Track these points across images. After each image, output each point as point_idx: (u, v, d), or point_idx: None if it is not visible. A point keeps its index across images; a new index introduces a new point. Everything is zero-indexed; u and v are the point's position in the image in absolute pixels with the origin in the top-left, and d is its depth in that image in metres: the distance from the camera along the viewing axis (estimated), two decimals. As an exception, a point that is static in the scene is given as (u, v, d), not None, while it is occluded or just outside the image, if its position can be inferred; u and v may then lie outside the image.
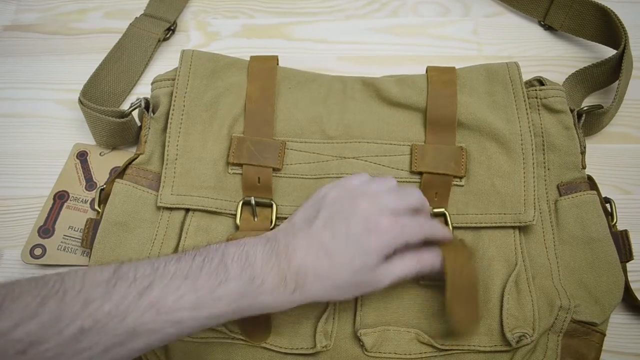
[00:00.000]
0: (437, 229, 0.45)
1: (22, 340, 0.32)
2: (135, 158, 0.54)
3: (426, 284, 0.49)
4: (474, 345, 0.46)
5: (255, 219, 0.51)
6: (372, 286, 0.43)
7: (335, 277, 0.41)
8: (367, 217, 0.42)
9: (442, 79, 0.55)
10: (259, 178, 0.52)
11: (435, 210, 0.50)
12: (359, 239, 0.41)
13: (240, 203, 0.51)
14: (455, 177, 0.52)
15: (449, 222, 0.50)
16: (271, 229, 0.50)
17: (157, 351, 0.47)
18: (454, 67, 0.57)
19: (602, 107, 0.56)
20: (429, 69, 0.57)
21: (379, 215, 0.42)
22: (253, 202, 0.51)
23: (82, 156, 0.59)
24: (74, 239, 0.53)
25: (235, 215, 0.51)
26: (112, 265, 0.37)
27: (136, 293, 0.36)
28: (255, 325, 0.47)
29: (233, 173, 0.52)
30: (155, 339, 0.36)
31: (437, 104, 0.54)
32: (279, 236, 0.43)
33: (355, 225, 0.42)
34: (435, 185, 0.52)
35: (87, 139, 0.60)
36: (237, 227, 0.51)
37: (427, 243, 0.45)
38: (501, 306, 0.46)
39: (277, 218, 0.51)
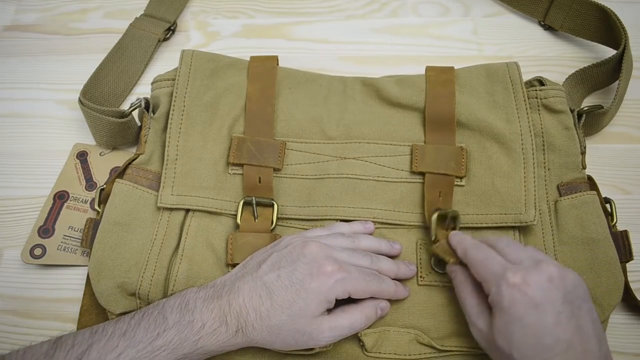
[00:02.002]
0: (385, 289, 0.45)
1: None
2: (135, 158, 0.54)
3: (426, 284, 0.49)
4: (473, 347, 0.46)
5: (256, 220, 0.50)
6: (313, 339, 0.42)
7: (275, 318, 0.41)
8: (313, 261, 0.42)
9: (440, 78, 0.56)
10: (259, 178, 0.52)
11: (445, 211, 0.50)
12: (302, 281, 0.42)
13: (242, 203, 0.51)
14: (455, 177, 0.52)
15: (457, 225, 0.50)
16: (272, 230, 0.50)
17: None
18: (452, 67, 0.57)
19: (602, 107, 0.56)
20: (427, 69, 0.57)
21: (324, 260, 0.43)
22: (254, 202, 0.51)
23: (82, 156, 0.59)
24: (74, 239, 0.53)
25: (235, 215, 0.51)
26: (54, 338, 0.39)
27: (74, 358, 0.37)
28: None
29: (233, 173, 0.52)
30: None
31: (435, 103, 0.54)
32: (226, 280, 0.44)
33: (300, 268, 0.42)
34: (438, 185, 0.51)
35: (87, 139, 0.60)
36: (237, 227, 0.50)
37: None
38: (501, 306, 0.46)
39: (278, 218, 0.51)
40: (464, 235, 0.46)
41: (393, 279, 0.47)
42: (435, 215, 0.49)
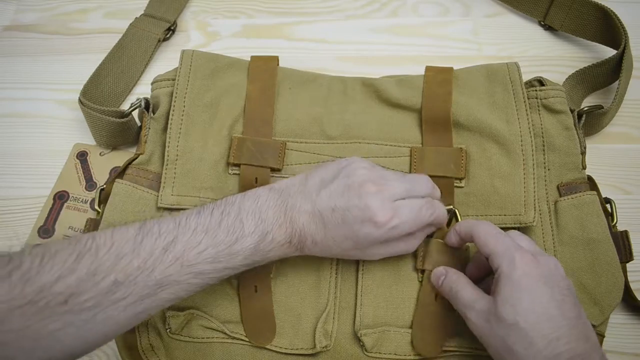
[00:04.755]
0: (439, 216, 0.46)
1: (63, 292, 0.35)
2: (135, 158, 0.54)
3: (425, 278, 0.49)
4: (474, 348, 0.46)
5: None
6: (365, 258, 0.47)
7: (328, 248, 0.44)
8: (368, 206, 0.42)
9: (437, 78, 0.55)
10: (256, 178, 0.52)
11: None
12: (353, 224, 0.43)
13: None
14: (455, 178, 0.52)
15: (459, 219, 0.50)
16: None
17: (157, 352, 0.47)
18: (451, 67, 0.57)
19: (602, 108, 0.56)
20: (426, 69, 0.57)
21: (378, 209, 0.42)
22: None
23: (82, 156, 0.59)
24: (74, 239, 0.53)
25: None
26: (138, 223, 0.41)
27: (162, 248, 0.39)
28: (260, 327, 0.47)
29: (233, 174, 0.52)
30: (181, 289, 0.40)
31: (431, 103, 0.54)
32: (291, 191, 0.45)
33: (354, 209, 0.43)
34: (438, 187, 0.51)
35: (87, 139, 0.60)
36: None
37: None
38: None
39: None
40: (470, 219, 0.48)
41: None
42: None
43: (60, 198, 0.56)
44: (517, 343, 0.39)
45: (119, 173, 0.53)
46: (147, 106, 0.56)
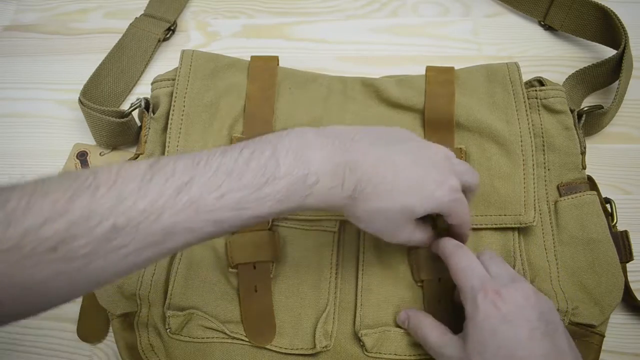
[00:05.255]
0: (468, 224, 0.45)
1: (52, 237, 0.30)
2: (135, 158, 0.54)
3: (426, 285, 0.49)
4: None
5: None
6: (393, 237, 0.42)
7: (387, 200, 0.39)
8: (445, 173, 0.41)
9: (439, 78, 0.55)
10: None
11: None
12: (430, 183, 0.40)
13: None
14: (455, 178, 0.52)
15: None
16: (269, 229, 0.50)
17: (157, 352, 0.47)
18: (452, 67, 0.57)
19: (602, 108, 0.56)
20: (427, 69, 0.57)
21: (452, 177, 0.41)
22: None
23: (82, 156, 0.59)
24: (74, 239, 0.53)
25: (235, 215, 0.51)
26: (151, 159, 0.34)
27: (174, 189, 0.32)
28: (260, 327, 0.47)
29: (233, 173, 0.52)
30: (194, 237, 0.34)
31: (434, 104, 0.54)
32: (345, 136, 0.39)
33: (435, 169, 0.41)
34: None
35: (87, 139, 0.60)
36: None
37: None
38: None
39: (274, 219, 0.51)
40: (447, 241, 0.45)
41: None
42: None
43: (60, 198, 0.56)
44: None
45: (119, 173, 0.53)
46: (147, 106, 0.56)
